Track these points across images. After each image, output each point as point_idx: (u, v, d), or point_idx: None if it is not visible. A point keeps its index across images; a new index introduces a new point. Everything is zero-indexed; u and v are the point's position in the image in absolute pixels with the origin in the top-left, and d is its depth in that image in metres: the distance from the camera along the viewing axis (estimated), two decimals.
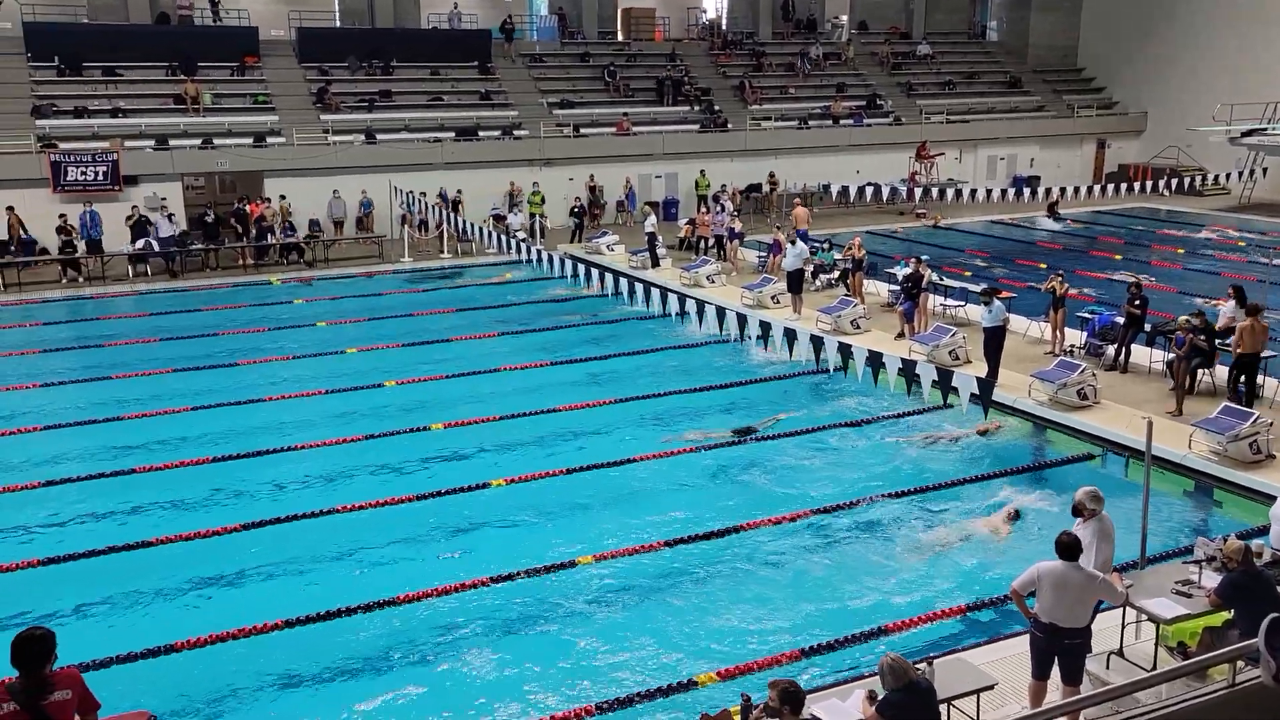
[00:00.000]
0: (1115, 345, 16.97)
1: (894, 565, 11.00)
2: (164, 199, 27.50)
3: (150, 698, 7.74)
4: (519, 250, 23.53)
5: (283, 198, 28.19)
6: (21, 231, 25.12)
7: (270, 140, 29.59)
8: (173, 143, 28.62)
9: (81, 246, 25.44)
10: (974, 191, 32.75)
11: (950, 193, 33.44)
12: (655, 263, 25.25)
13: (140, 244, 25.77)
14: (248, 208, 27.67)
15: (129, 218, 26.10)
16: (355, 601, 9.98)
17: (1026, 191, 33.62)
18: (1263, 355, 14.70)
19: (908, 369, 13.44)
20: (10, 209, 24.98)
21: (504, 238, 24.48)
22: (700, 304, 17.49)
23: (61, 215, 25.24)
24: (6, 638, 9.27)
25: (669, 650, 9.42)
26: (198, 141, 28.88)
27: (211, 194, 30.49)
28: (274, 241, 27.20)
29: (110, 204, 26.45)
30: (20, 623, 9.52)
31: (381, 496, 12.54)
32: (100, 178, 26.81)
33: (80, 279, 25.16)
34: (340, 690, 8.90)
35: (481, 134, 32.29)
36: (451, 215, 27.27)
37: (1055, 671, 7.64)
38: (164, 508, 12.51)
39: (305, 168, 29.02)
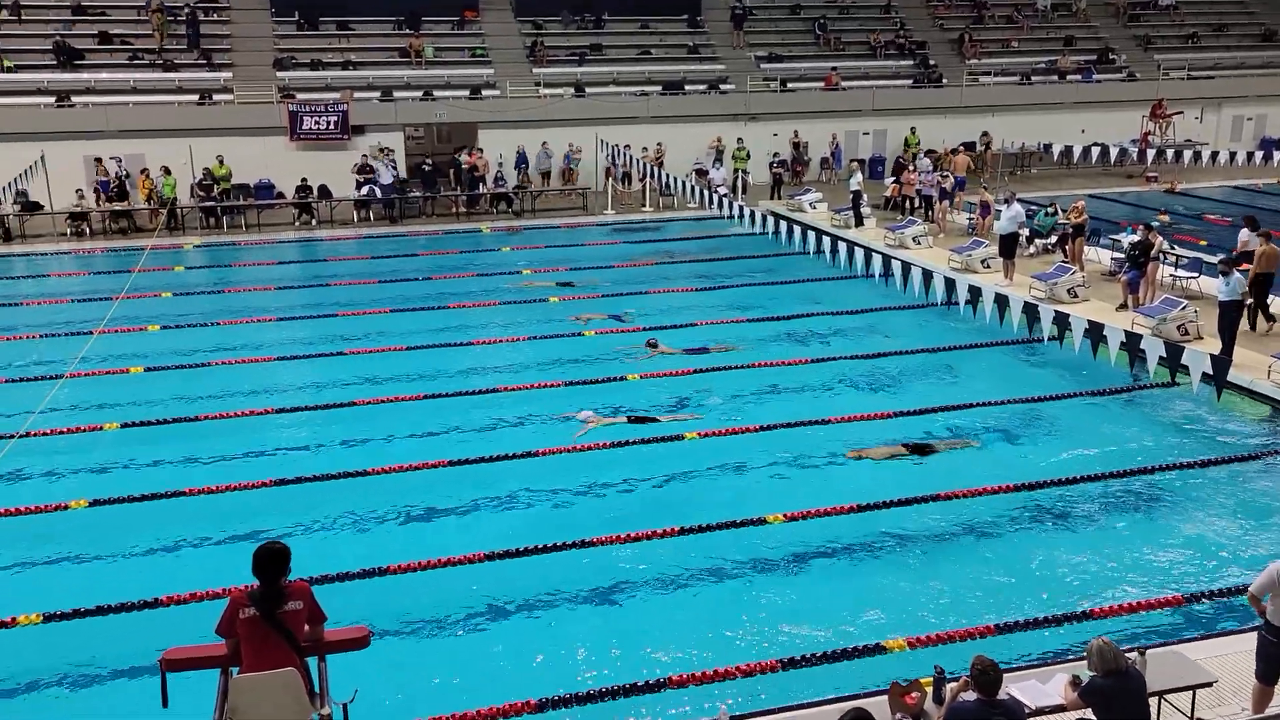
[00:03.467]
0: None
1: (1106, 547, 10.42)
2: (385, 148, 28.97)
3: (365, 615, 8.26)
4: (720, 205, 23.47)
5: (480, 150, 29.08)
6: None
7: (485, 93, 30.62)
8: (396, 94, 30.07)
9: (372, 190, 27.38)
10: (1215, 154, 30.14)
11: (1187, 155, 30.91)
12: (859, 222, 24.65)
13: (365, 191, 27.32)
14: (462, 158, 28.81)
15: (355, 165, 27.72)
16: (551, 540, 10.31)
17: (1277, 155, 30.64)
18: None
19: (1131, 343, 12.61)
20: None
21: (706, 192, 24.48)
22: (905, 266, 16.97)
23: (303, 178, 27.10)
24: (240, 549, 10.19)
25: (857, 613, 9.30)
26: (419, 93, 30.22)
27: (430, 144, 31.87)
28: (485, 191, 28.25)
29: (339, 153, 28.20)
30: (252, 537, 10.43)
31: (578, 443, 12.87)
32: (331, 127, 28.52)
33: (312, 222, 26.96)
34: (534, 622, 9.28)
35: (688, 88, 32.28)
36: (656, 169, 27.48)
37: None
38: (380, 440, 13.30)
39: (517, 120, 29.88)
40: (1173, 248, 19.55)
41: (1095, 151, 30.55)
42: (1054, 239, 21.72)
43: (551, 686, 8.05)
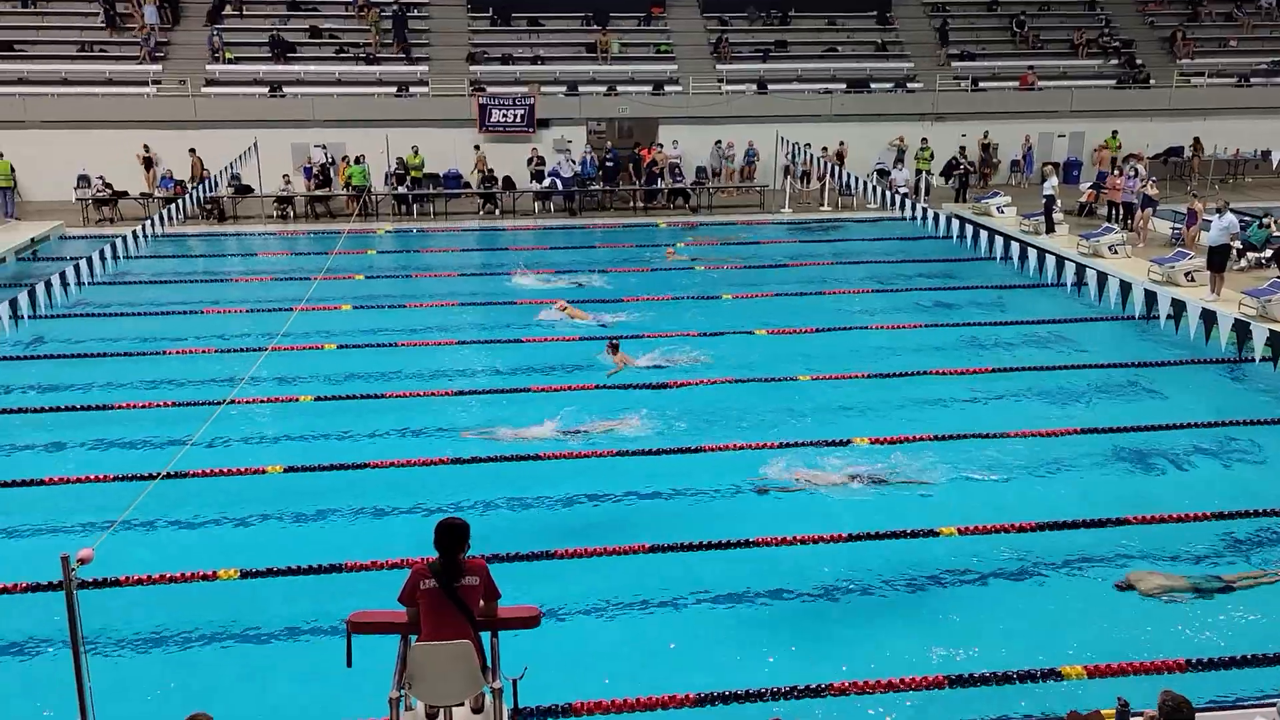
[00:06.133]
0: None
1: None
2: (570, 141, 29.63)
3: (532, 596, 8.44)
4: (901, 207, 22.88)
5: (659, 146, 29.32)
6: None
7: (668, 89, 30.85)
8: (581, 89, 30.68)
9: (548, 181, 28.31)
10: None
11: None
12: (1050, 228, 23.56)
13: (546, 183, 28.02)
14: (641, 153, 29.16)
15: (529, 160, 28.47)
16: (716, 538, 10.29)
17: None
18: None
19: None
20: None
21: (887, 193, 23.92)
22: (1101, 276, 16.08)
23: (490, 169, 28.02)
24: (415, 522, 10.63)
25: (1033, 635, 8.90)
26: (603, 88, 30.75)
27: (611, 138, 32.37)
28: (663, 186, 28.48)
29: (524, 145, 29.02)
30: (429, 512, 10.88)
31: (742, 440, 12.79)
32: (518, 120, 29.40)
33: (496, 212, 27.86)
34: (696, 616, 9.29)
35: (873, 86, 31.61)
36: (836, 168, 27.05)
37: None
38: (553, 426, 13.52)
39: (698, 116, 29.98)
40: None
41: None
42: (1269, 253, 20.15)
43: (711, 682, 8.04)
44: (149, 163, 28.07)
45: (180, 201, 22.63)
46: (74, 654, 5.70)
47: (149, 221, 21.23)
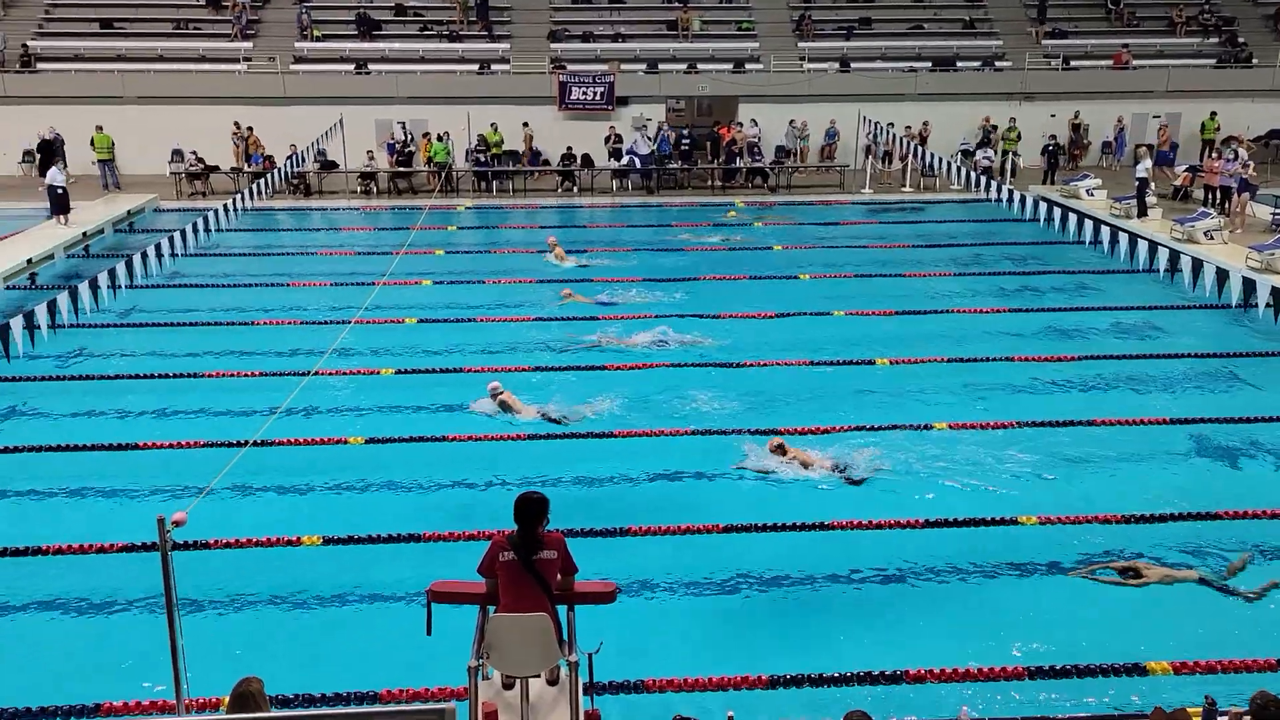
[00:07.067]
0: None
1: None
2: (648, 120, 29.54)
3: (609, 572, 8.50)
4: (986, 188, 22.39)
5: (739, 124, 29.06)
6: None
7: (749, 67, 30.56)
8: (661, 67, 30.55)
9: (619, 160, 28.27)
10: None
11: None
12: (1143, 212, 22.83)
13: (625, 160, 28.02)
14: (720, 131, 28.96)
15: (607, 138, 28.47)
16: (793, 519, 10.25)
17: None
18: None
19: None
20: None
21: (971, 174, 23.43)
22: (1196, 262, 15.55)
23: (569, 146, 28.12)
24: (490, 496, 10.77)
25: (1115, 629, 8.68)
26: (683, 66, 30.57)
27: (690, 116, 32.22)
28: (741, 165, 28.27)
29: (602, 123, 29.02)
30: (505, 486, 11.01)
31: (818, 424, 12.66)
32: (597, 98, 29.42)
33: (574, 189, 27.96)
34: (772, 597, 9.27)
35: (960, 64, 30.90)
36: (918, 148, 26.55)
37: None
38: (623, 404, 13.57)
39: (778, 95, 29.66)
40: None
41: None
42: None
43: (786, 665, 8.02)
44: (241, 140, 28.74)
45: (268, 176, 23.15)
46: (168, 612, 5.89)
47: (239, 195, 21.77)
